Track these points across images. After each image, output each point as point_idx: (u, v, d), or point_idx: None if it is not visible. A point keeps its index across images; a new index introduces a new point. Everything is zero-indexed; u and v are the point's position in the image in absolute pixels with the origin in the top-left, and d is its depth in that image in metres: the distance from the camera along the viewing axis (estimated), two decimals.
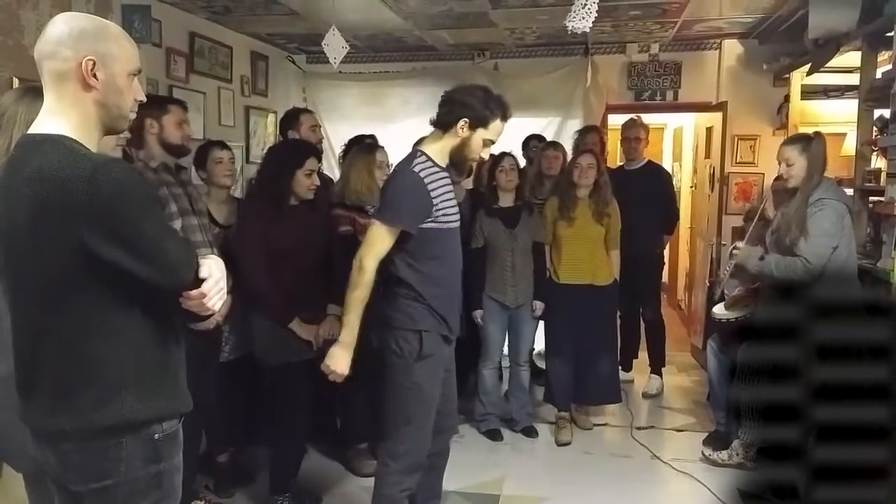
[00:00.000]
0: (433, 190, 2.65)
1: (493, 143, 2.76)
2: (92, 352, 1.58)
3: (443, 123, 2.71)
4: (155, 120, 3.05)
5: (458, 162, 2.78)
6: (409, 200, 2.64)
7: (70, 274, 1.54)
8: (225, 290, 1.65)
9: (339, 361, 2.65)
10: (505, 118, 2.71)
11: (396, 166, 2.90)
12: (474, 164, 3.45)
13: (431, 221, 2.66)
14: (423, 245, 2.67)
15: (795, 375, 2.56)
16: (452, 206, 2.76)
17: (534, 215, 4.33)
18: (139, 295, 1.59)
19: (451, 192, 2.76)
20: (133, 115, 1.70)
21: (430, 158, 2.70)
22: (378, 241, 2.63)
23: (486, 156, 2.83)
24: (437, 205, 2.65)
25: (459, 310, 2.91)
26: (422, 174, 2.65)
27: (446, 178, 2.75)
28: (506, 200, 4.29)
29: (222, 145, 3.66)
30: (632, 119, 5.30)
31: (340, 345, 2.66)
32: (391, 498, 2.76)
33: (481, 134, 2.68)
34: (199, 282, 1.60)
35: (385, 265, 2.70)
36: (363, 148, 3.83)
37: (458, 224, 2.82)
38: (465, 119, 2.65)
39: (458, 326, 2.89)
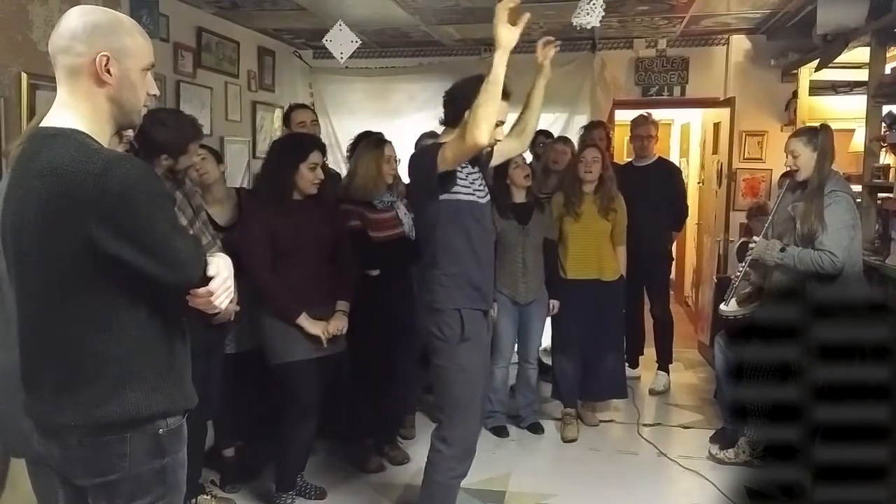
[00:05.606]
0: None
1: (503, 123, 2.81)
2: (98, 347, 1.58)
3: (453, 121, 2.79)
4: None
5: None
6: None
7: (78, 269, 1.54)
8: (233, 289, 1.66)
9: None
10: (506, 97, 2.71)
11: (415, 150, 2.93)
12: None
13: (451, 193, 2.71)
14: (451, 218, 2.73)
15: (798, 374, 2.55)
16: (476, 180, 2.83)
17: (545, 212, 4.32)
18: (146, 292, 1.59)
19: (474, 172, 2.84)
20: (146, 111, 1.70)
21: None
22: (454, 142, 2.62)
23: (499, 137, 2.84)
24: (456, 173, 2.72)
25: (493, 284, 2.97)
26: None
27: (465, 164, 2.81)
28: (518, 196, 4.28)
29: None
30: (642, 116, 5.24)
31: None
32: (443, 485, 2.75)
33: None
34: (206, 280, 1.60)
35: (420, 244, 2.79)
36: (371, 142, 3.79)
37: (486, 200, 2.87)
38: None
39: (492, 298, 2.98)
